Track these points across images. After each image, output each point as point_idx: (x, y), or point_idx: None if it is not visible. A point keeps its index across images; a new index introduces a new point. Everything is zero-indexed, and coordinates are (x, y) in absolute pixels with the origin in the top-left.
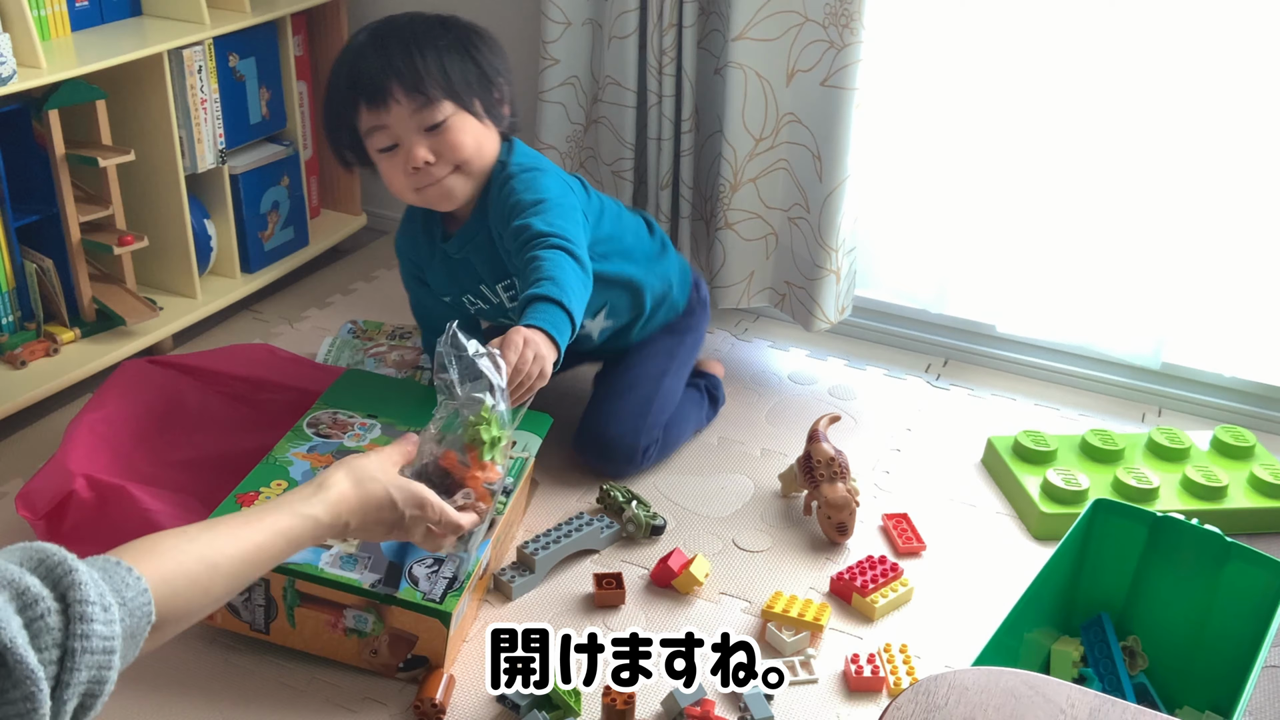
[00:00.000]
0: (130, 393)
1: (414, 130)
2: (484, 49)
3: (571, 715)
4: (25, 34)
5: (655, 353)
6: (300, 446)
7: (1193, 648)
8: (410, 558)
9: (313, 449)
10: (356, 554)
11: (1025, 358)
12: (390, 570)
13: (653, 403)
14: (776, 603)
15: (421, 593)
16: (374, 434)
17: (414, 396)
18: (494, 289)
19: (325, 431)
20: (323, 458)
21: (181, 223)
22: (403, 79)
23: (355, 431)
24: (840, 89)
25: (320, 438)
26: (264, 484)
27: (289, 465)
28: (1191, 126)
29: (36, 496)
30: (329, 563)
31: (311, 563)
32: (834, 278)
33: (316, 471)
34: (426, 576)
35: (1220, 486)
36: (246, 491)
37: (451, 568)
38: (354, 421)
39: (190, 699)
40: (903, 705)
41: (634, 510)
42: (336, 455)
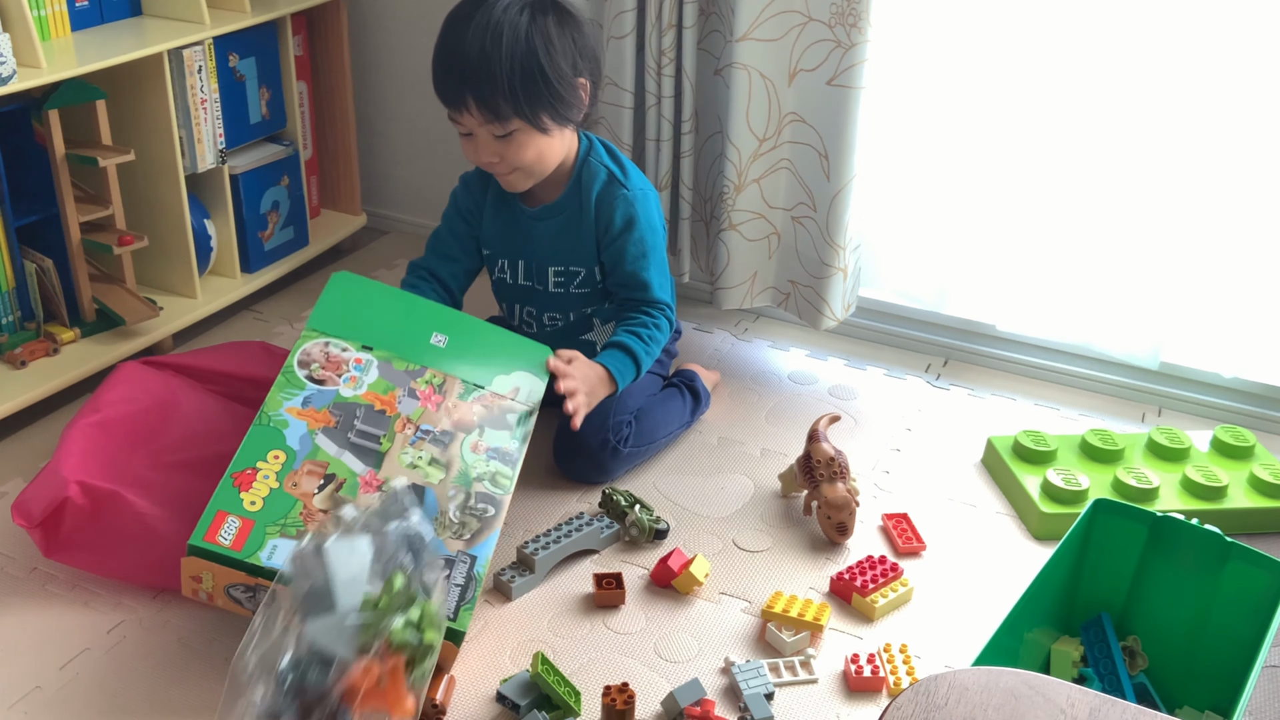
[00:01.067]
0: (126, 395)
1: (484, 134)
2: (559, 55)
3: (571, 715)
4: (25, 34)
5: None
6: (293, 399)
7: (1193, 648)
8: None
9: (308, 401)
10: None
11: (1025, 358)
12: None
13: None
14: (776, 603)
15: None
16: (370, 376)
17: (411, 318)
18: (545, 270)
19: (318, 375)
20: (319, 414)
21: (181, 223)
22: (477, 95)
23: (351, 373)
24: (847, 88)
25: (314, 383)
26: (260, 457)
27: (284, 427)
28: (1191, 127)
29: (32, 504)
30: None
31: None
32: (842, 275)
33: (314, 436)
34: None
35: (1220, 486)
36: (242, 469)
37: (461, 571)
38: (348, 358)
39: (191, 699)
40: (903, 705)
41: (637, 514)
42: (334, 410)
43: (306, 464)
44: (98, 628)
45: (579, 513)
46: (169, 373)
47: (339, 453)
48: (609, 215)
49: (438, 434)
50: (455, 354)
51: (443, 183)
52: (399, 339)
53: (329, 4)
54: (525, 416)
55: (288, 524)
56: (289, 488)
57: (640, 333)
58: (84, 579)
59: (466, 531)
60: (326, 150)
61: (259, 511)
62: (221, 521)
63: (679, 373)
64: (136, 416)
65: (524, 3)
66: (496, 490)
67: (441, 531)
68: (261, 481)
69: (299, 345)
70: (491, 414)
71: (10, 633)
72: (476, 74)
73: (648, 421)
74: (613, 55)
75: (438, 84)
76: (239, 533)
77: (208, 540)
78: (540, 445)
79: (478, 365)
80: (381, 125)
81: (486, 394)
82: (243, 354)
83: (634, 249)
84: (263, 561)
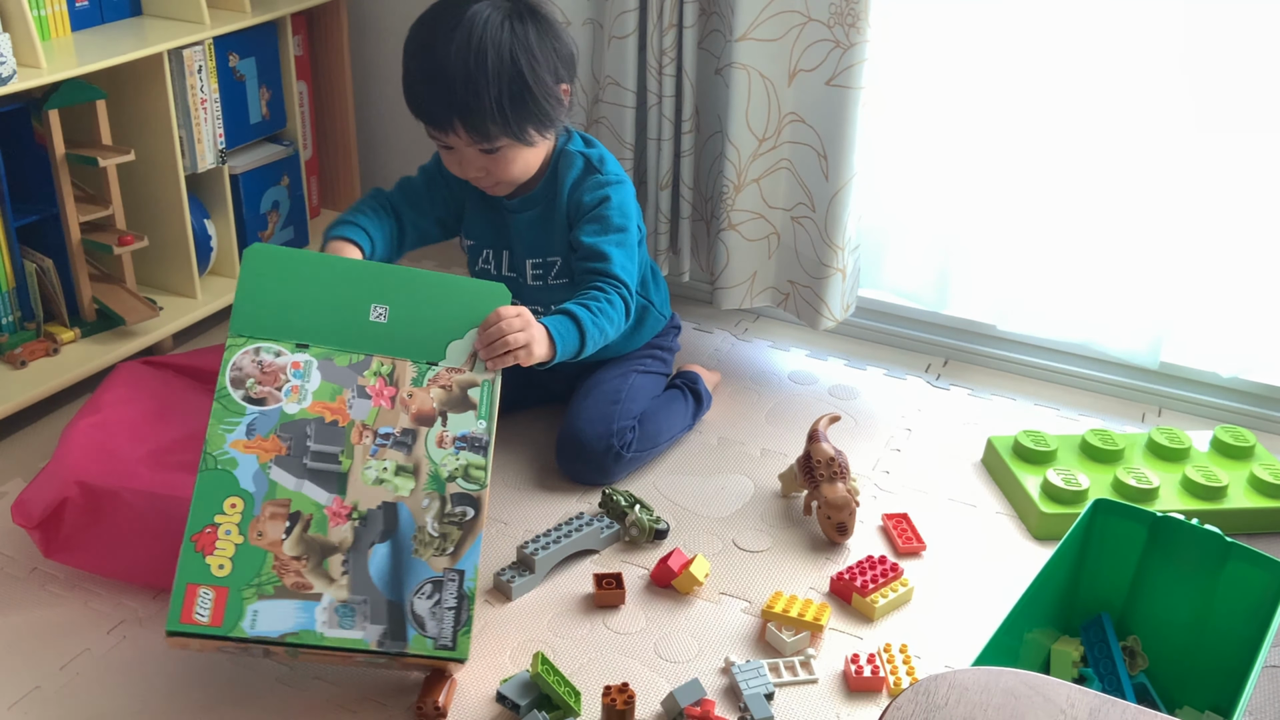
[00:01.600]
0: (126, 395)
1: (471, 152)
2: (543, 69)
3: (571, 715)
4: (25, 34)
5: (622, 360)
6: (235, 429)
7: (1193, 648)
8: (407, 589)
9: (251, 428)
10: (351, 600)
11: (1025, 358)
12: (392, 614)
13: (620, 393)
14: (776, 603)
15: (431, 639)
16: (313, 382)
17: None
18: (524, 263)
19: (256, 393)
20: (267, 443)
21: (181, 223)
22: (465, 119)
23: (291, 382)
24: (846, 88)
25: (253, 404)
26: (216, 510)
27: (233, 468)
28: (1191, 127)
29: (31, 505)
30: (325, 621)
31: (308, 627)
32: (840, 276)
33: (267, 470)
34: (430, 612)
35: (1220, 486)
36: (200, 529)
37: (451, 591)
38: (283, 363)
39: (191, 699)
40: (903, 705)
41: (637, 514)
42: (282, 434)
43: (267, 507)
44: (98, 628)
45: (579, 513)
46: (168, 373)
47: (298, 485)
48: (579, 197)
49: (398, 436)
50: (399, 328)
51: None
52: (335, 325)
53: (329, 4)
54: (488, 385)
55: (263, 582)
56: (254, 539)
57: (589, 304)
58: (84, 579)
59: (449, 544)
60: (326, 150)
61: (229, 576)
62: (194, 597)
63: (681, 374)
64: (136, 417)
65: (502, 13)
66: (472, 487)
67: (423, 550)
68: (224, 539)
69: (227, 359)
70: (451, 395)
71: (10, 633)
72: (463, 98)
73: (651, 425)
74: (614, 55)
75: (419, 105)
76: (214, 606)
77: (185, 622)
78: (541, 446)
79: (426, 337)
80: (381, 125)
81: (441, 372)
82: None
83: (598, 224)
84: (247, 632)
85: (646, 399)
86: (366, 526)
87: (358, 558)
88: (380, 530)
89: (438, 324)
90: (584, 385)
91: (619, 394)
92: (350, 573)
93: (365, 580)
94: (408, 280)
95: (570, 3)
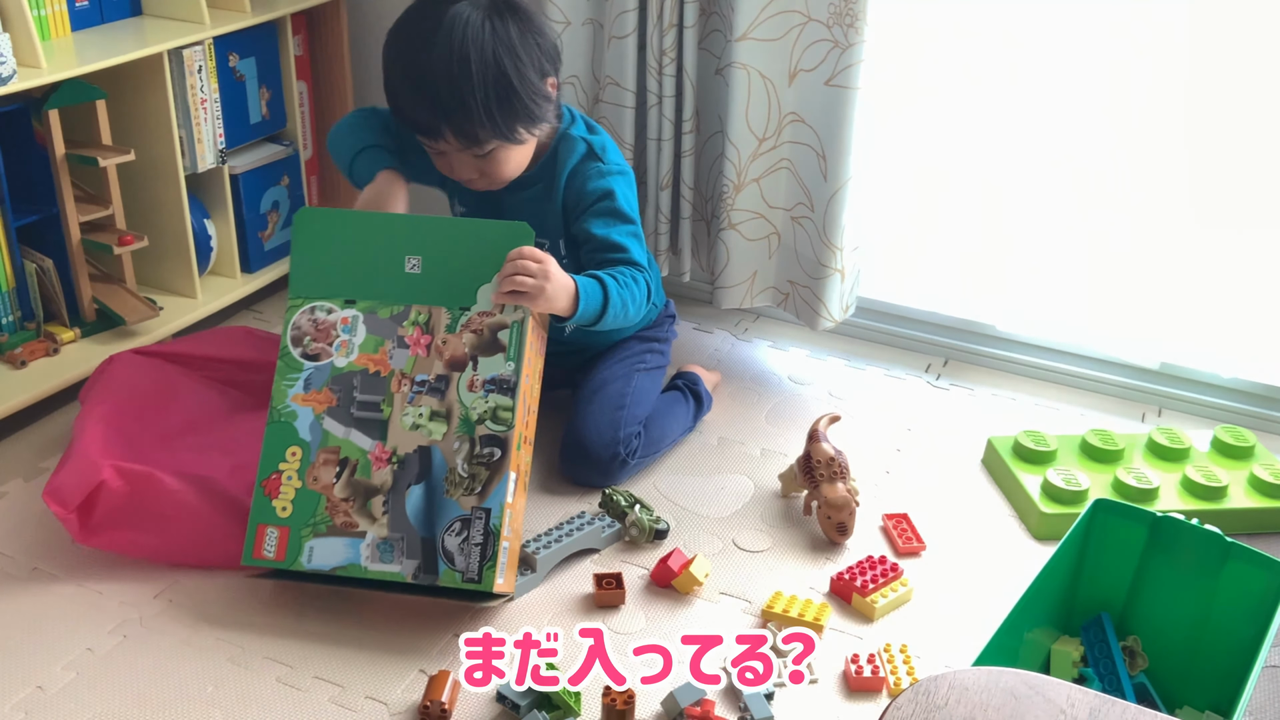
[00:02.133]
0: (129, 384)
1: (463, 156)
2: (527, 68)
3: (571, 715)
4: (25, 34)
5: (624, 356)
6: (295, 383)
7: (1193, 648)
8: (439, 527)
9: (309, 383)
10: (390, 537)
11: (1025, 358)
12: (425, 549)
13: (625, 398)
14: (776, 603)
15: (459, 572)
16: (359, 335)
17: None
18: None
19: (312, 349)
20: (320, 395)
21: (181, 223)
22: (453, 126)
23: (340, 337)
24: (845, 88)
25: (309, 360)
26: (280, 458)
27: (294, 420)
28: (1191, 127)
29: (65, 491)
30: (369, 556)
31: (354, 561)
32: (839, 276)
33: (321, 421)
34: (459, 548)
35: (1220, 486)
36: (268, 475)
37: (479, 529)
38: (334, 319)
39: (191, 699)
40: (903, 705)
41: (637, 514)
42: (333, 386)
43: (321, 454)
44: (99, 627)
45: (580, 512)
46: (159, 361)
47: (346, 433)
48: (581, 186)
49: (433, 382)
50: (432, 277)
51: None
52: (376, 279)
53: (329, 4)
54: (517, 326)
55: (318, 521)
56: (310, 483)
57: (618, 276)
58: (84, 579)
59: (477, 484)
60: (326, 150)
61: (291, 517)
62: (263, 535)
63: (681, 374)
64: (142, 403)
65: (482, 13)
66: (499, 428)
67: (453, 490)
68: (286, 484)
69: (288, 320)
70: (482, 339)
71: (11, 632)
72: (449, 105)
73: (655, 430)
74: (614, 55)
75: (404, 112)
76: (279, 543)
77: (255, 557)
78: (541, 446)
79: (457, 283)
80: None
81: (473, 316)
82: (228, 339)
83: (607, 218)
84: (305, 566)
85: (650, 401)
86: (404, 469)
87: (396, 498)
88: (416, 472)
89: (466, 269)
90: (586, 386)
91: (623, 399)
92: (390, 512)
93: (403, 518)
94: (437, 229)
95: (570, 3)
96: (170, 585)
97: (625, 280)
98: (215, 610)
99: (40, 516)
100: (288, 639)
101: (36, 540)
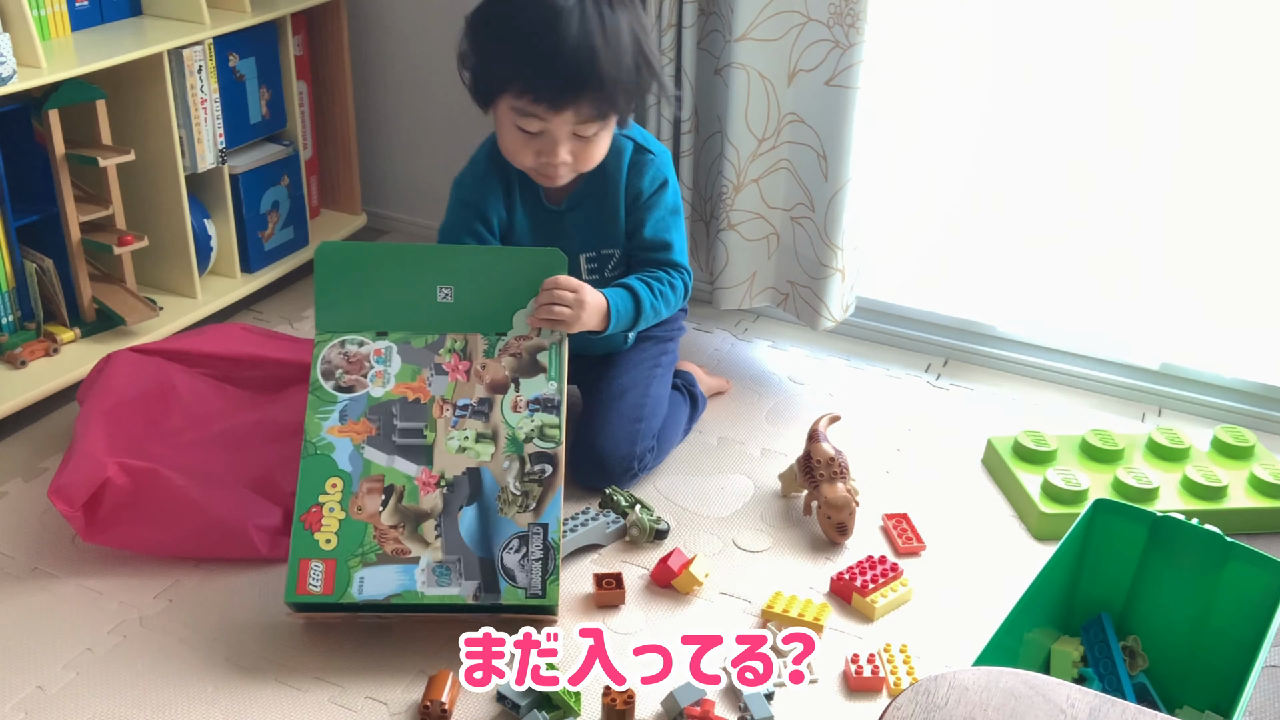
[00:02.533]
0: (130, 381)
1: (566, 134)
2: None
3: (571, 715)
4: (25, 34)
5: (640, 360)
6: (329, 416)
7: (1193, 648)
8: (496, 546)
9: (344, 414)
10: (446, 560)
11: (1025, 358)
12: (485, 570)
13: (643, 409)
14: (776, 603)
15: (522, 589)
16: (394, 366)
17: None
18: (577, 259)
19: (345, 381)
20: (359, 426)
21: (181, 223)
22: (594, 96)
23: (375, 369)
24: (845, 88)
25: (343, 393)
26: (320, 490)
27: (331, 452)
28: (1191, 127)
29: (70, 489)
30: (424, 581)
31: (410, 588)
32: (839, 276)
33: (361, 451)
34: (520, 565)
35: (1220, 486)
36: (307, 509)
37: (538, 544)
38: (366, 352)
39: (191, 699)
40: (903, 705)
41: (638, 515)
42: (371, 416)
43: (364, 484)
44: (99, 627)
45: (585, 508)
46: (158, 359)
47: (389, 460)
48: (639, 182)
49: (475, 405)
50: (466, 305)
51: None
52: (407, 310)
53: (329, 4)
54: (556, 348)
55: (365, 551)
56: (355, 513)
57: (652, 284)
58: (84, 579)
59: (531, 500)
60: (326, 150)
61: (336, 549)
62: (306, 570)
63: (679, 374)
64: (143, 401)
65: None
66: (548, 445)
67: (507, 509)
68: (329, 515)
69: (317, 354)
70: (522, 361)
71: (11, 632)
72: (593, 74)
73: (665, 440)
74: None
75: (538, 84)
76: (325, 577)
77: (300, 593)
78: None
79: (492, 310)
80: (381, 125)
81: (510, 341)
82: (224, 336)
83: (661, 210)
84: (356, 598)
85: (663, 410)
86: (454, 492)
87: (449, 521)
88: (467, 494)
89: (501, 296)
90: (604, 392)
91: (641, 410)
92: (443, 535)
93: (457, 541)
94: (467, 258)
95: None
96: (171, 585)
97: (660, 287)
98: (215, 610)
99: (40, 516)
100: (287, 639)
101: (36, 540)
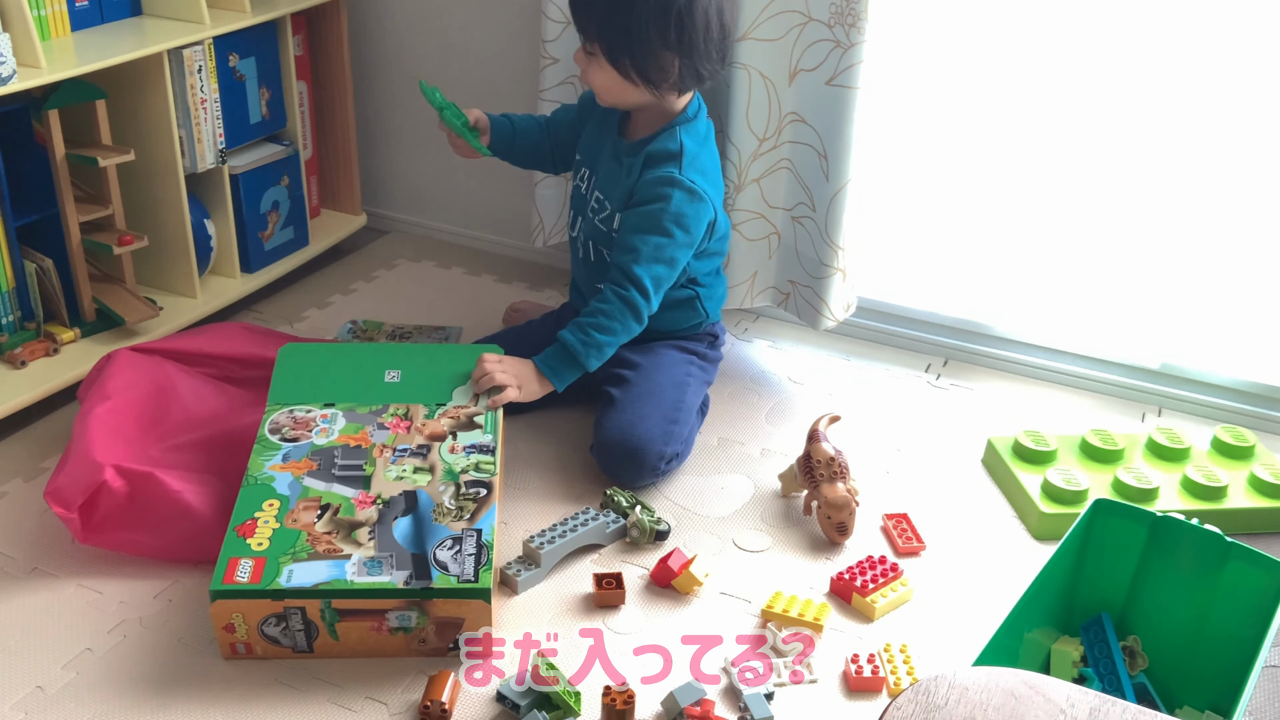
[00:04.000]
0: (129, 382)
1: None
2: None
3: (571, 715)
4: (25, 34)
5: (675, 362)
6: (273, 458)
7: (1193, 648)
8: (430, 544)
9: (287, 457)
10: (378, 556)
11: (1025, 358)
12: (416, 563)
13: (679, 412)
14: (776, 603)
15: (455, 576)
16: (338, 425)
17: (362, 366)
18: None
19: (290, 435)
20: (299, 464)
21: (181, 223)
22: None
23: (320, 426)
24: (846, 88)
25: (288, 443)
26: (256, 508)
27: (270, 481)
28: (1191, 128)
29: (67, 492)
30: (355, 572)
31: (338, 578)
32: (840, 276)
33: (301, 480)
34: (453, 558)
35: (1220, 486)
36: (242, 522)
37: (471, 543)
38: (313, 416)
39: (191, 699)
40: (903, 705)
41: (638, 515)
42: (313, 456)
43: (301, 502)
44: (99, 627)
45: (585, 508)
46: (158, 358)
47: (328, 486)
48: (645, 180)
49: (414, 449)
50: (411, 384)
51: (443, 182)
52: (355, 388)
53: (329, 4)
54: (491, 415)
55: (298, 551)
56: (290, 524)
57: (586, 323)
58: (84, 579)
59: (465, 514)
60: (326, 150)
61: (268, 549)
62: (235, 565)
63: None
64: (141, 401)
65: None
66: (484, 474)
67: (442, 519)
68: (263, 526)
69: (266, 418)
70: (459, 423)
71: (11, 633)
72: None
73: (685, 454)
74: None
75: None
76: (254, 570)
77: (227, 582)
78: (547, 443)
79: (434, 387)
80: (381, 125)
81: (450, 408)
82: (225, 335)
83: (644, 220)
84: (283, 584)
85: (692, 423)
86: (389, 507)
87: (383, 528)
88: (402, 508)
89: (444, 379)
90: (636, 385)
91: (677, 412)
92: (376, 538)
93: (390, 541)
94: (416, 351)
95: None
96: (170, 585)
97: (598, 321)
98: None
99: (40, 516)
100: None
101: (36, 540)
